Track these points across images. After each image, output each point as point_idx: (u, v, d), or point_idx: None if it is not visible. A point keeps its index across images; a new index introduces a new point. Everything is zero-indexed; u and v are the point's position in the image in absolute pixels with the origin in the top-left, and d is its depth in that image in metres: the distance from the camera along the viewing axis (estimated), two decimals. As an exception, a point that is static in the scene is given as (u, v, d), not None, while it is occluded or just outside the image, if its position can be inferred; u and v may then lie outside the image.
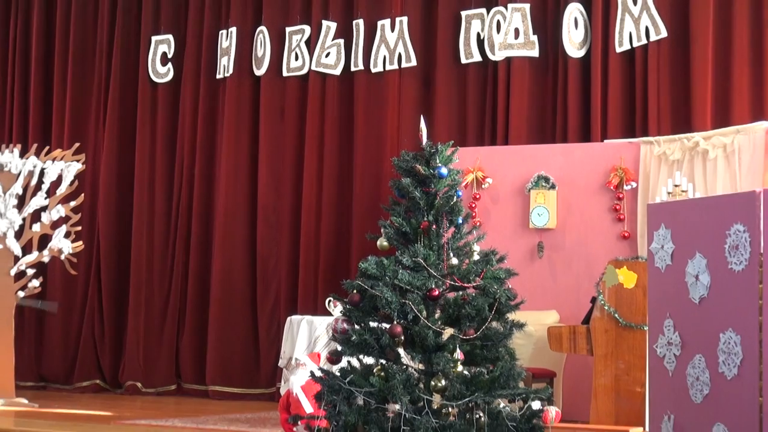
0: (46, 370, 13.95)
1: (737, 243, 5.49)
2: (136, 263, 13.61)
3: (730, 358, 5.50)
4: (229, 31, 13.23)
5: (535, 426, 6.05)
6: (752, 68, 10.72)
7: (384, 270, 6.04)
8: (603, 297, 8.82)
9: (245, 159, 13.18)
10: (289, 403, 8.84)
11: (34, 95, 14.38)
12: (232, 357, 12.95)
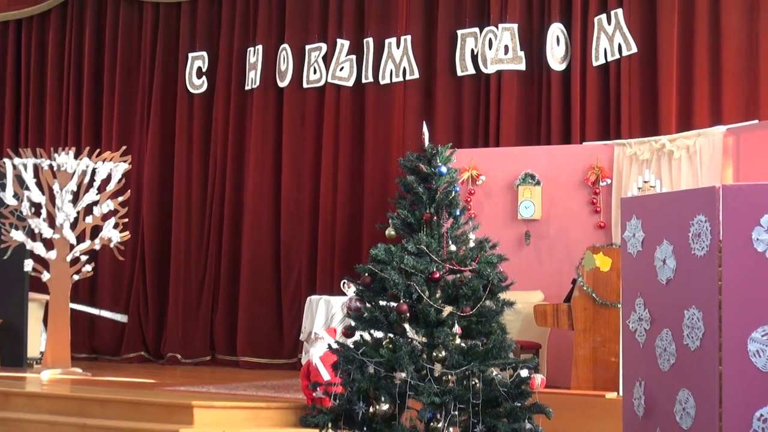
0: (98, 344, 13.97)
1: (699, 231, 5.49)
2: (175, 250, 13.63)
3: (694, 332, 5.50)
4: (255, 48, 13.22)
5: (523, 391, 6.06)
6: (711, 79, 10.71)
7: (392, 256, 6.06)
8: (582, 279, 8.82)
9: (270, 160, 13.18)
10: (309, 371, 8.86)
11: (86, 104, 14.39)
12: (260, 332, 12.97)
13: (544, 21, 11.64)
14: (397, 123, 12.36)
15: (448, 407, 5.91)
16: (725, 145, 9.95)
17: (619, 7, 11.18)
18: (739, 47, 10.62)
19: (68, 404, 9.45)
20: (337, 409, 6.16)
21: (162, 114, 13.90)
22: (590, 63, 11.32)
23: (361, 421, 6.01)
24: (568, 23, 11.49)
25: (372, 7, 12.58)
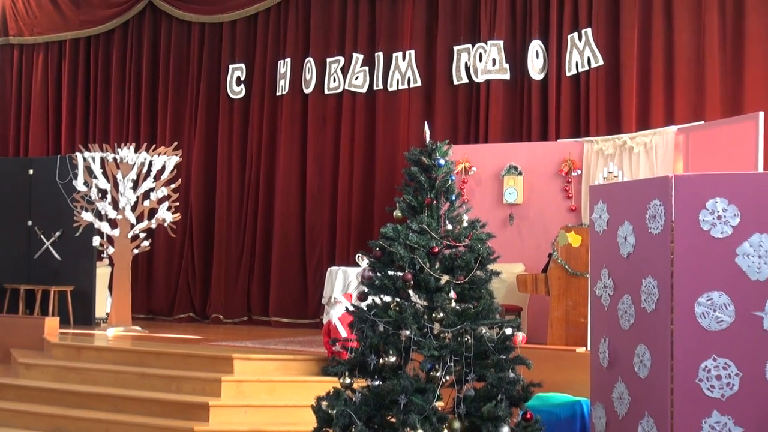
0: (154, 306, 14.00)
1: (655, 213, 5.48)
2: (218, 228, 13.63)
3: (650, 297, 5.50)
4: (285, 60, 13.20)
5: (508, 346, 6.05)
6: (665, 87, 10.67)
7: (398, 233, 6.06)
8: (557, 253, 8.81)
9: (297, 153, 13.16)
10: (329, 329, 8.87)
11: (144, 107, 14.39)
12: (288, 296, 12.97)
13: (525, 38, 11.61)
14: (403, 123, 12.35)
15: (445, 359, 5.91)
16: (677, 142, 9.93)
17: (588, 27, 11.15)
18: (688, 60, 10.58)
19: (129, 356, 9.50)
20: (353, 361, 6.17)
21: (207, 116, 13.90)
22: (564, 73, 11.30)
23: (373, 371, 6.02)
24: (546, 40, 11.46)
25: (382, 26, 12.56)
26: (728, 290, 5.26)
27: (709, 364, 5.27)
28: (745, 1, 10.31)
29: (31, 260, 12.38)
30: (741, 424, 5.21)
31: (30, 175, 12.47)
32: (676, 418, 5.32)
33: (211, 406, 8.14)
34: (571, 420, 7.07)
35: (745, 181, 5.35)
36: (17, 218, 12.46)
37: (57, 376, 9.45)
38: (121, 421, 8.34)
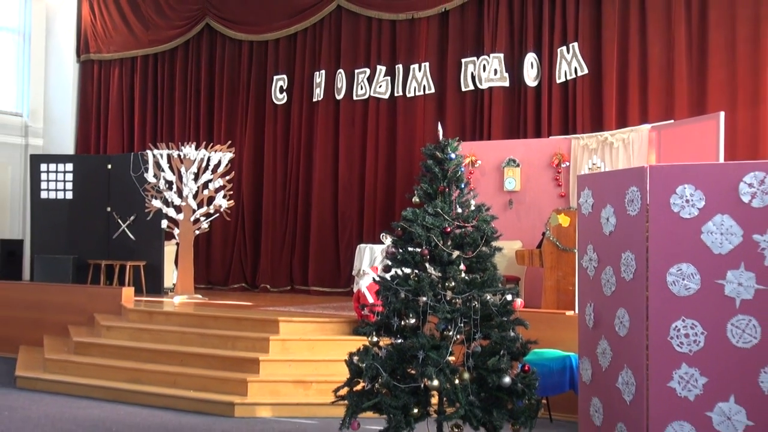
0: (212, 277, 14.06)
1: (633, 198, 5.46)
2: (265, 212, 13.66)
3: (628, 268, 5.48)
4: (320, 72, 13.20)
5: (508, 310, 6.07)
6: (640, 91, 10.63)
7: (417, 216, 6.08)
8: (549, 232, 8.79)
9: (330, 150, 13.17)
10: (359, 297, 8.89)
11: (203, 112, 14.41)
12: (324, 269, 13.01)
13: (522, 51, 11.55)
14: (419, 124, 12.32)
15: (456, 321, 5.92)
16: (650, 138, 9.88)
17: (575, 41, 11.09)
18: (660, 69, 10.52)
19: (192, 319, 9.56)
20: (379, 323, 6.19)
21: (255, 118, 13.92)
22: (554, 81, 11.24)
23: (396, 331, 6.05)
24: (539, 53, 11.40)
25: (401, 42, 12.53)
26: (695, 262, 5.24)
27: (679, 324, 5.26)
28: (708, 19, 10.25)
29: (110, 240, 12.47)
30: (706, 375, 5.20)
31: (109, 170, 12.55)
32: (651, 370, 5.31)
33: (260, 361, 8.22)
34: (561, 371, 7.08)
35: (708, 170, 5.33)
36: (98, 205, 12.56)
37: (132, 336, 9.54)
38: (186, 373, 8.42)
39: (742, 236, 5.15)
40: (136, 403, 8.20)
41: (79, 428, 7.08)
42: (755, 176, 5.16)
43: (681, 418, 5.23)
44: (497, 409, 5.87)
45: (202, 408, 7.87)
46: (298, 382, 7.98)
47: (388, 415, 5.85)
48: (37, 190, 12.83)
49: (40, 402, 8.21)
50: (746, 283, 5.13)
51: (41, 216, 12.77)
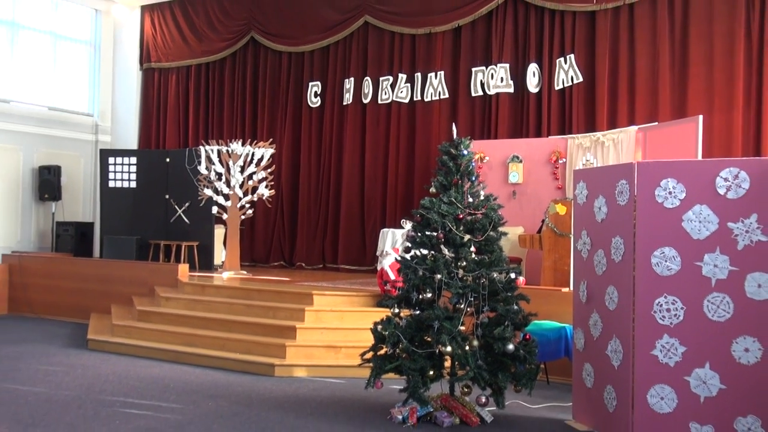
0: (255, 256, 14.09)
1: (622, 190, 5.45)
2: (301, 200, 13.65)
3: (618, 251, 5.47)
4: (349, 79, 13.16)
5: (512, 286, 6.08)
6: (628, 97, 10.53)
7: (433, 204, 6.08)
8: (548, 219, 8.75)
9: (358, 147, 13.13)
10: (382, 274, 8.90)
11: (248, 113, 14.40)
12: (352, 249, 12.99)
13: (525, 62, 11.47)
14: (435, 125, 12.28)
15: (467, 295, 5.94)
16: (637, 138, 9.80)
17: (571, 53, 10.99)
18: (646, 78, 10.43)
19: (239, 292, 9.60)
20: (400, 296, 6.22)
21: (293, 119, 13.92)
22: (553, 87, 11.16)
23: (414, 304, 6.07)
24: (540, 63, 11.32)
25: (420, 54, 12.47)
26: (676, 246, 5.23)
27: (662, 300, 5.26)
28: (689, 35, 10.15)
29: (168, 223, 12.53)
30: (684, 344, 5.20)
31: (167, 162, 12.61)
32: (636, 340, 5.32)
33: (297, 328, 8.25)
34: (558, 340, 7.07)
35: (689, 166, 5.32)
36: (158, 193, 12.62)
37: (187, 306, 9.60)
38: (233, 338, 8.47)
39: (717, 224, 5.14)
40: (190, 363, 8.27)
41: (141, 384, 7.15)
42: (730, 171, 5.14)
43: (662, 381, 5.23)
44: (502, 372, 5.89)
45: (247, 368, 7.93)
46: (329, 347, 8.02)
47: (408, 376, 5.89)
48: (106, 180, 12.93)
49: (108, 361, 8.30)
50: (721, 264, 5.12)
51: (109, 202, 12.87)
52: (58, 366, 7.94)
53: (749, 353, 5.04)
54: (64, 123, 14.86)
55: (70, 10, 15.09)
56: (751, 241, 5.06)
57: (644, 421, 5.27)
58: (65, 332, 10.33)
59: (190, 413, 6.08)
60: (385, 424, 5.87)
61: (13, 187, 13.93)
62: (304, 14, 13.66)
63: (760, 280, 5.03)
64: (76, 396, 6.59)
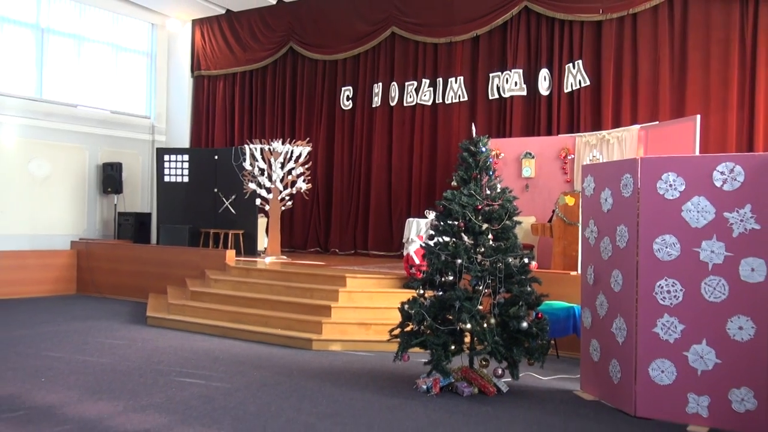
0: (294, 243, 14.14)
1: (626, 183, 5.40)
2: (335, 193, 13.65)
3: (622, 238, 5.42)
4: (378, 84, 13.13)
5: (526, 270, 6.03)
6: (631, 99, 10.42)
7: (455, 196, 6.05)
8: (558, 209, 8.70)
9: (385, 145, 13.11)
10: (408, 259, 8.91)
11: (287, 115, 14.42)
12: (381, 236, 13.00)
13: (537, 67, 11.37)
14: (455, 125, 12.22)
15: (485, 278, 5.91)
16: (639, 136, 9.69)
17: (579, 59, 10.88)
18: (648, 81, 10.30)
19: (280, 275, 9.66)
20: (424, 279, 6.20)
21: (328, 120, 13.93)
22: (563, 90, 11.06)
23: (437, 285, 6.05)
24: (551, 68, 11.21)
25: (441, 61, 12.40)
26: (676, 234, 5.18)
27: (662, 282, 5.21)
28: (687, 41, 10.02)
29: (216, 214, 12.61)
30: (683, 323, 5.15)
31: (215, 159, 12.67)
32: (639, 318, 5.27)
33: (332, 307, 8.29)
34: (567, 319, 7.03)
35: (688, 160, 5.25)
36: (208, 187, 12.70)
37: (234, 287, 9.68)
38: (274, 316, 8.53)
39: (714, 213, 5.07)
40: (236, 338, 8.34)
41: (194, 356, 7.22)
42: (726, 166, 5.07)
43: (663, 356, 5.19)
44: (516, 347, 5.87)
45: (287, 342, 7.98)
46: (360, 324, 8.03)
47: (431, 350, 5.88)
48: (162, 175, 13.04)
49: (164, 336, 8.39)
50: (717, 250, 5.06)
51: (164, 195, 12.99)
52: (121, 340, 8.05)
53: (743, 331, 4.98)
54: (124, 125, 15.01)
55: (130, 24, 15.21)
56: (745, 229, 4.99)
57: (646, 392, 5.23)
58: (127, 310, 10.47)
59: (237, 382, 6.13)
60: (411, 393, 5.87)
61: (80, 182, 14.11)
62: (338, 26, 13.65)
63: (753, 264, 4.96)
64: (137, 366, 6.67)
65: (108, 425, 4.80)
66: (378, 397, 5.72)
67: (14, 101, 13.07)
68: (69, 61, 14.03)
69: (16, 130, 13.11)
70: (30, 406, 5.21)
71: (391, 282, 8.87)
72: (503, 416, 5.26)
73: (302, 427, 4.85)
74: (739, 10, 9.65)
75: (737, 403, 4.99)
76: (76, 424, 4.80)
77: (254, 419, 5.01)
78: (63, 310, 10.29)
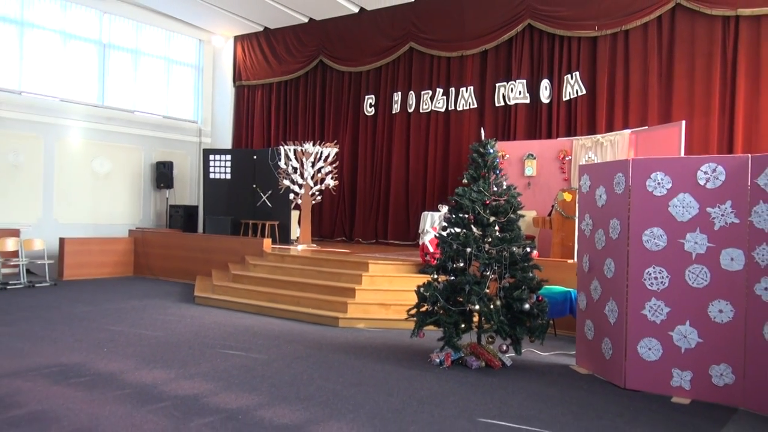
0: (323, 232, 14.17)
1: (619, 181, 5.34)
2: (359, 189, 13.65)
3: (615, 230, 5.37)
4: (397, 93, 13.08)
5: (528, 258, 6.00)
6: (623, 105, 10.30)
7: (465, 192, 6.02)
8: (556, 204, 8.63)
9: (404, 147, 13.06)
10: (423, 247, 8.88)
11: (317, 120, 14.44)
12: (399, 227, 12.98)
13: (539, 78, 11.27)
14: (465, 129, 12.15)
15: (492, 265, 5.89)
16: (630, 139, 9.57)
17: (577, 71, 10.76)
18: (638, 90, 10.18)
19: (311, 261, 9.69)
20: (437, 265, 6.19)
21: (353, 125, 13.91)
22: (562, 99, 10.96)
23: (449, 271, 6.04)
24: (551, 79, 11.11)
25: (453, 72, 12.33)
26: (663, 227, 5.12)
27: (650, 270, 5.16)
28: (674, 54, 9.88)
29: (255, 206, 12.65)
30: (669, 306, 5.10)
31: (254, 159, 12.71)
32: (629, 301, 5.23)
33: (356, 290, 8.30)
34: (564, 302, 6.98)
35: (675, 161, 5.19)
36: (247, 183, 12.74)
37: (270, 271, 9.72)
38: (306, 297, 8.55)
39: (698, 209, 5.01)
40: (272, 315, 8.38)
41: (236, 330, 7.28)
42: (709, 166, 5.01)
43: (650, 335, 5.15)
44: (519, 326, 5.85)
45: (317, 320, 8.00)
46: (381, 304, 8.03)
47: (444, 328, 5.88)
48: (207, 173, 13.11)
49: (210, 313, 8.45)
50: (700, 242, 5.00)
51: (210, 190, 13.06)
52: (172, 316, 8.13)
53: (723, 314, 4.92)
54: (175, 128, 15.13)
55: (180, 40, 15.30)
56: (725, 223, 4.92)
57: (634, 367, 5.19)
58: (177, 290, 10.56)
59: (273, 354, 6.17)
60: (426, 365, 5.88)
61: (137, 179, 14.25)
62: (362, 42, 13.62)
63: (732, 254, 4.90)
64: (186, 339, 6.74)
65: (162, 390, 4.86)
66: (396, 368, 5.73)
67: (80, 107, 13.22)
68: (127, 73, 14.15)
69: (81, 132, 13.26)
70: (94, 373, 5.29)
71: (408, 267, 8.85)
72: (507, 386, 5.25)
73: (330, 394, 4.87)
74: (722, 26, 9.50)
75: (717, 378, 4.94)
76: (134, 389, 4.87)
77: (288, 386, 5.04)
78: (122, 290, 10.42)
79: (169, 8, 14.20)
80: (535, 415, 4.50)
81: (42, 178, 12.61)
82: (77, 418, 4.17)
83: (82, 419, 4.15)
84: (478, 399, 4.87)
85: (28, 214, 12.42)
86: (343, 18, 13.85)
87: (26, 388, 4.78)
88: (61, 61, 12.95)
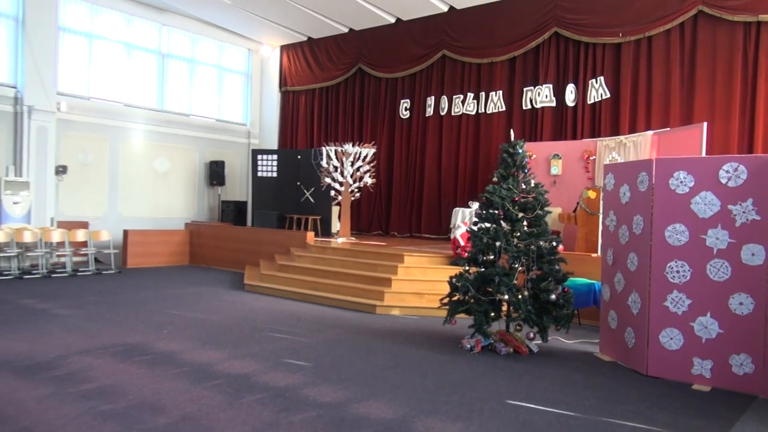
0: (361, 226, 14.18)
1: (642, 180, 5.24)
2: (395, 186, 13.64)
3: (638, 226, 5.28)
4: (430, 97, 13.02)
5: (554, 251, 5.93)
6: (645, 108, 10.09)
7: (495, 190, 5.97)
8: (581, 201, 8.50)
9: (436, 147, 12.99)
10: (454, 241, 8.84)
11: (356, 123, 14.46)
12: (432, 221, 12.93)
13: (564, 82, 11.08)
14: (495, 131, 12.03)
15: (520, 258, 5.84)
16: (652, 140, 9.36)
17: (601, 75, 10.56)
18: (660, 93, 9.94)
19: (350, 252, 9.74)
20: (469, 258, 6.16)
21: (389, 127, 13.89)
22: (587, 102, 10.76)
23: (480, 263, 6.00)
24: (577, 83, 10.92)
25: (483, 78, 12.21)
26: (685, 223, 5.01)
27: (673, 264, 5.05)
28: (696, 59, 9.62)
29: (299, 202, 12.73)
30: (690, 298, 4.99)
31: (298, 159, 12.79)
32: (652, 293, 5.13)
33: (392, 279, 8.31)
34: (588, 293, 6.88)
35: (697, 161, 5.06)
36: (292, 181, 12.82)
37: (313, 261, 9.80)
38: (345, 285, 8.60)
39: (719, 206, 4.89)
40: (315, 302, 8.45)
41: (282, 315, 7.35)
42: (731, 165, 4.88)
43: (672, 326, 5.04)
44: (546, 315, 5.79)
45: (356, 307, 8.04)
46: (415, 293, 8.03)
47: (474, 316, 5.85)
48: (256, 171, 13.25)
49: (258, 300, 8.56)
50: (722, 237, 4.87)
51: (258, 187, 13.19)
52: (224, 302, 8.26)
53: (743, 306, 4.79)
54: (226, 130, 15.34)
55: (231, 50, 15.51)
56: (747, 220, 4.79)
57: (656, 355, 5.09)
58: (228, 278, 10.72)
59: (316, 338, 6.22)
60: (457, 350, 5.86)
61: (192, 177, 14.49)
62: (398, 50, 13.59)
63: (753, 249, 4.76)
64: (237, 323, 6.84)
65: (216, 369, 4.94)
66: (430, 353, 5.72)
67: (141, 112, 13.51)
68: (184, 80, 14.40)
69: (142, 134, 13.55)
70: (156, 352, 5.41)
71: (441, 260, 8.82)
72: (534, 371, 5.20)
73: (369, 375, 4.89)
74: (743, 32, 9.22)
75: (737, 367, 4.81)
76: (192, 367, 4.96)
77: (330, 368, 5.08)
78: (179, 278, 10.62)
79: (222, 20, 14.39)
80: (561, 399, 4.45)
81: (108, 176, 12.93)
82: (141, 392, 4.28)
83: (146, 393, 4.25)
84: (507, 383, 4.83)
85: (95, 208, 12.76)
86: (380, 28, 13.84)
87: (96, 365, 4.92)
88: (125, 70, 13.24)
